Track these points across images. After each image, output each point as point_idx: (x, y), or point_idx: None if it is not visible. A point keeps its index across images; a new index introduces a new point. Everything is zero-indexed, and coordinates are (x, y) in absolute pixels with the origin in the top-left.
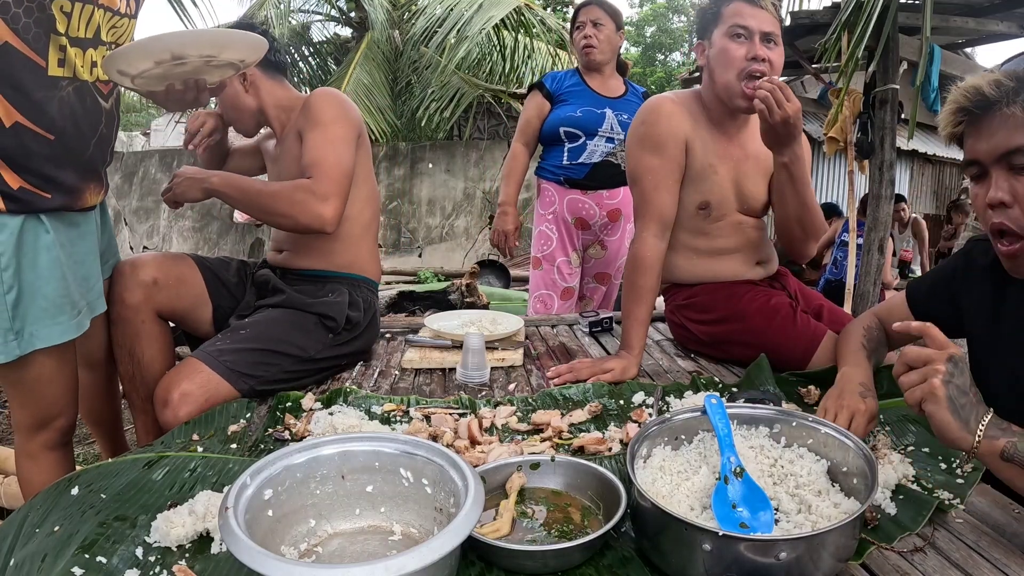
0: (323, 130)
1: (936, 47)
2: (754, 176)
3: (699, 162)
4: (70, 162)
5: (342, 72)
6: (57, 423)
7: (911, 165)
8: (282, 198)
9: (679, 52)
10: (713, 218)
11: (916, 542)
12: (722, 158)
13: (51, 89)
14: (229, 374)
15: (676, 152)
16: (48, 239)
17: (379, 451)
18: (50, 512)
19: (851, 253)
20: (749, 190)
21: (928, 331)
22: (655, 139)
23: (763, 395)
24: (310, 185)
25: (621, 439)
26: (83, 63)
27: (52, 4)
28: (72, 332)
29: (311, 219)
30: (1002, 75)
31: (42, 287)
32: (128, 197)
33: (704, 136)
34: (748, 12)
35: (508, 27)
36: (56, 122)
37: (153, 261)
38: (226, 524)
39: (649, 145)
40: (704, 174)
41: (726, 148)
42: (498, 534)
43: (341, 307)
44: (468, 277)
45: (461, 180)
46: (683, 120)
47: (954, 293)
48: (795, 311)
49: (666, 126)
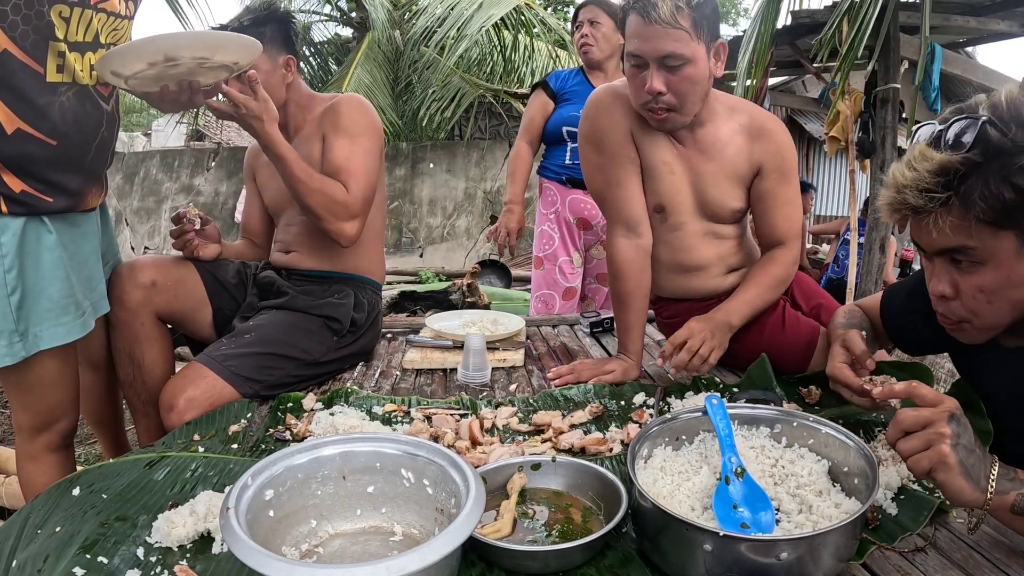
0: (354, 140)
1: (937, 46)
2: (718, 182)
3: (649, 158)
4: (72, 166)
5: (343, 72)
6: (59, 426)
7: None
8: (320, 199)
9: None
10: (671, 225)
11: (917, 542)
12: (676, 158)
13: (51, 95)
14: (234, 379)
15: (620, 145)
16: (51, 240)
17: (380, 452)
18: (51, 513)
19: (852, 252)
20: (712, 196)
21: (915, 390)
22: (596, 134)
23: (764, 395)
24: (347, 200)
25: (622, 439)
26: (82, 67)
27: (51, 11)
28: (77, 332)
29: (335, 231)
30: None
31: (46, 288)
32: (129, 197)
33: (652, 130)
34: (641, 33)
35: (508, 26)
36: (58, 127)
37: (151, 263)
38: (227, 524)
39: (592, 141)
40: (658, 172)
41: (679, 149)
42: (499, 534)
43: (346, 309)
44: (469, 277)
45: (462, 180)
46: (625, 111)
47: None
48: (783, 317)
49: (606, 119)
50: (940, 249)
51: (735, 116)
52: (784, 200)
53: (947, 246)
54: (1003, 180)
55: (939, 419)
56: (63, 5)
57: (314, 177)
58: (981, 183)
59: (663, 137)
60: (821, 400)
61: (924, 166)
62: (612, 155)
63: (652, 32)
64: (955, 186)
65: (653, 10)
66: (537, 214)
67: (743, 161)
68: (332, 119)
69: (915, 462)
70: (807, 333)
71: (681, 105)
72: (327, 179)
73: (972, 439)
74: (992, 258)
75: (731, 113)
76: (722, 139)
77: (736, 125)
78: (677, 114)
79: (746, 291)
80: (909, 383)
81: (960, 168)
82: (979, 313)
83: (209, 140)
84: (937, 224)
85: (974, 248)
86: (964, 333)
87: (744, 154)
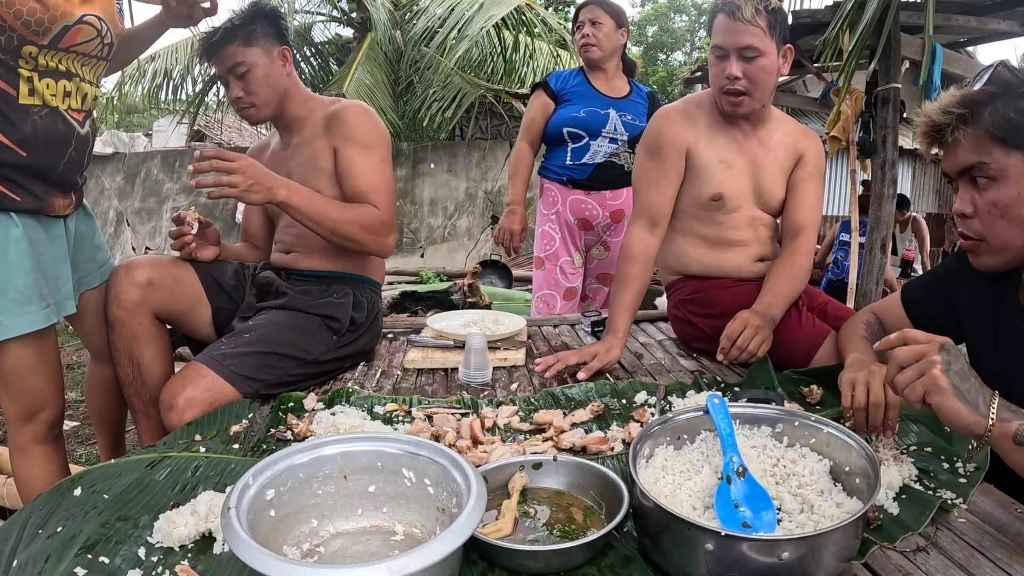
0: (370, 153)
1: (938, 46)
2: (772, 172)
3: (705, 159)
4: (40, 177)
5: (344, 72)
6: (43, 415)
7: (913, 164)
8: (357, 226)
9: (681, 52)
10: (728, 209)
11: (919, 542)
12: (737, 153)
13: (24, 114)
14: (234, 378)
15: (673, 157)
16: (17, 233)
17: (381, 451)
18: (52, 513)
19: (853, 252)
20: (767, 185)
21: (907, 334)
22: (653, 143)
23: (765, 395)
24: (381, 216)
25: (623, 439)
26: (54, 92)
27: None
28: (40, 322)
29: (379, 248)
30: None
31: (12, 279)
32: (130, 198)
33: (712, 135)
34: (725, 28)
35: (509, 27)
36: (28, 140)
37: (147, 262)
38: (228, 524)
39: (649, 149)
40: (714, 169)
41: (741, 143)
42: (500, 534)
43: (345, 308)
44: (470, 277)
45: (463, 180)
46: (683, 127)
47: (950, 294)
48: (800, 309)
49: (665, 133)
50: (961, 169)
51: (785, 122)
52: (813, 192)
53: (967, 163)
54: (1009, 105)
55: (930, 350)
56: (32, 47)
57: (344, 209)
58: (993, 108)
59: (723, 138)
60: (823, 400)
61: (949, 99)
62: (661, 162)
63: (736, 28)
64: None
65: (738, 11)
66: (538, 214)
67: (790, 156)
68: (341, 130)
69: (911, 390)
70: (817, 329)
71: (753, 90)
72: (356, 206)
73: (964, 368)
74: (1004, 175)
75: (782, 120)
76: (776, 137)
77: (787, 127)
78: (750, 98)
79: (779, 285)
80: (902, 331)
81: (978, 97)
82: (993, 230)
83: (210, 140)
84: (955, 137)
85: (988, 163)
86: (980, 257)
87: (791, 149)
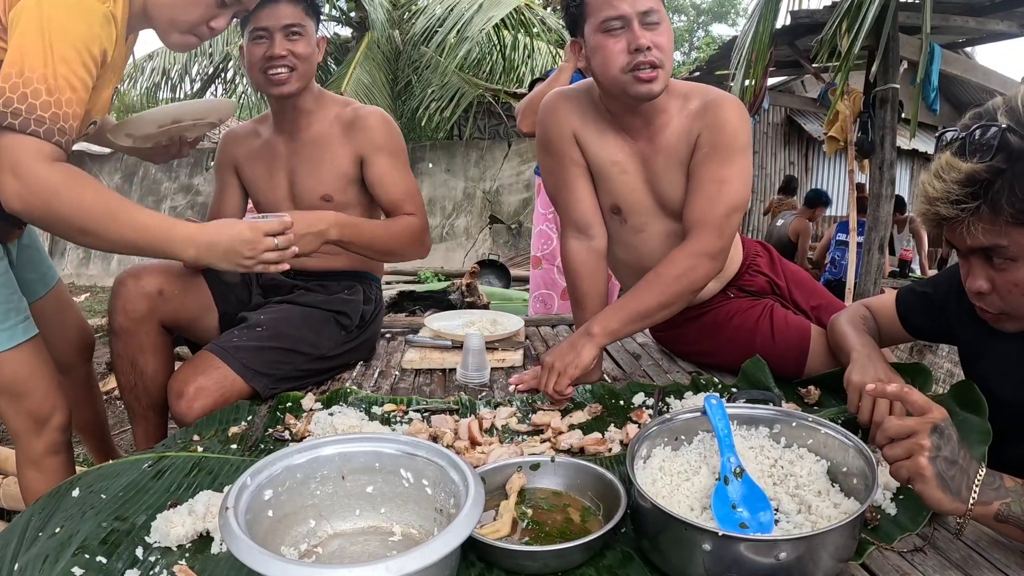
0: (398, 161)
1: (936, 46)
2: (668, 172)
3: (598, 159)
4: None
5: (342, 72)
6: (54, 420)
7: (911, 164)
8: (402, 241)
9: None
10: (633, 227)
11: (916, 542)
12: (630, 156)
13: None
14: (245, 371)
15: (566, 148)
16: None
17: (379, 452)
18: (52, 515)
19: (851, 252)
20: (664, 189)
21: (907, 397)
22: (544, 137)
23: (763, 395)
24: (420, 224)
25: (621, 440)
26: None
27: None
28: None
29: (422, 253)
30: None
31: None
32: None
33: (601, 131)
34: None
35: (508, 27)
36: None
37: (157, 271)
38: (226, 524)
39: (542, 145)
40: (608, 173)
41: (632, 145)
42: (498, 535)
43: (356, 305)
44: (468, 277)
45: (461, 180)
46: (569, 114)
47: (947, 320)
48: (772, 322)
49: (552, 123)
50: (976, 248)
51: (688, 103)
52: (709, 178)
53: (981, 245)
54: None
55: (922, 430)
56: None
57: (388, 226)
58: (1007, 188)
59: (612, 136)
60: (820, 400)
61: (952, 176)
62: (558, 157)
63: None
64: (983, 194)
65: None
66: (535, 214)
67: (684, 143)
68: (370, 138)
69: (896, 469)
70: (799, 336)
71: (664, 61)
72: (397, 221)
73: (956, 450)
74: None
75: (685, 101)
76: (667, 132)
77: (688, 111)
78: (663, 71)
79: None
80: (901, 387)
81: (986, 176)
82: (1014, 304)
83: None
84: (970, 230)
85: (1006, 247)
86: (1003, 323)
87: (684, 134)
